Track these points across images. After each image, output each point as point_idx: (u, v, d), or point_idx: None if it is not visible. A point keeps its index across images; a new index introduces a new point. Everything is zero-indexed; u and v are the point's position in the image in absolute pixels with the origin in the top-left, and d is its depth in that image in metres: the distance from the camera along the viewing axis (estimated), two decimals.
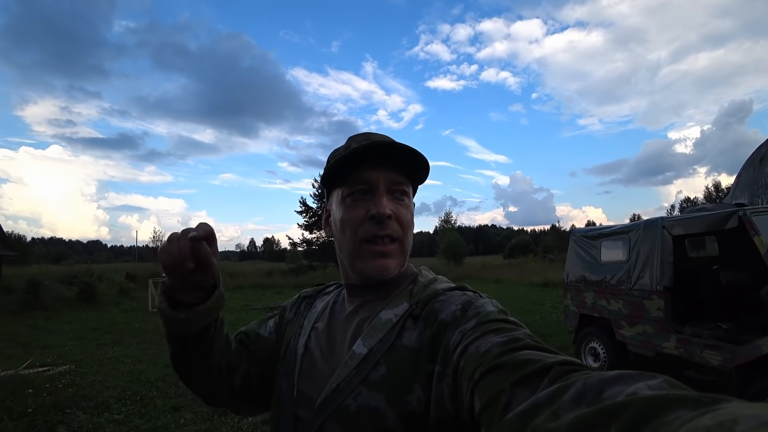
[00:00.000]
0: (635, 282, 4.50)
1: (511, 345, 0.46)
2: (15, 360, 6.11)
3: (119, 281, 19.30)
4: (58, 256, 69.86)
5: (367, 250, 0.65)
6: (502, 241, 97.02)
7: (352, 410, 0.57)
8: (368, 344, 0.61)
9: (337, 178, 0.69)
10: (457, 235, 41.19)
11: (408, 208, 0.69)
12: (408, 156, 0.66)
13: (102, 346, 7.56)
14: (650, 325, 4.28)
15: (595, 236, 5.33)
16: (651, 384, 0.30)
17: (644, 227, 4.56)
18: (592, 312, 5.14)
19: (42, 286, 13.34)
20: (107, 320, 10.69)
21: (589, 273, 5.27)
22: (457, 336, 0.54)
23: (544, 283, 17.14)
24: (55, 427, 3.82)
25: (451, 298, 0.62)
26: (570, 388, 0.33)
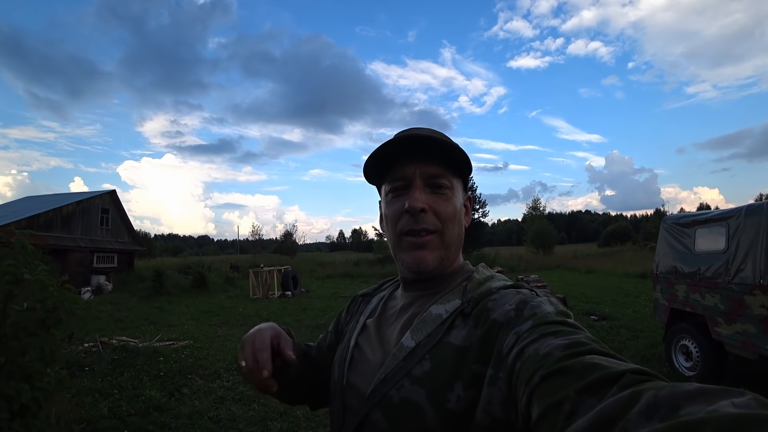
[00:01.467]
0: (735, 275, 4.07)
1: (575, 349, 0.43)
2: (148, 335, 7.39)
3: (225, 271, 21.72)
4: (175, 249, 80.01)
5: (406, 242, 0.67)
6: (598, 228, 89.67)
7: (395, 401, 0.57)
8: (416, 338, 0.61)
9: (382, 175, 0.72)
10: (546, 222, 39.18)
11: (449, 201, 0.68)
12: (445, 148, 0.66)
13: (213, 326, 8.76)
14: (752, 324, 3.85)
15: (689, 223, 4.87)
16: (737, 402, 0.26)
17: (746, 213, 4.09)
18: (685, 306, 4.74)
19: (165, 275, 15.61)
20: (216, 305, 12.23)
21: (681, 264, 4.86)
22: (511, 338, 0.52)
23: (641, 274, 15.69)
24: (180, 388, 4.66)
25: (505, 297, 0.60)
26: (640, 398, 0.30)
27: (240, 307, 11.60)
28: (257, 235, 57.09)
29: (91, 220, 19.53)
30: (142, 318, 9.74)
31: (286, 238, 49.79)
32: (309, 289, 16.52)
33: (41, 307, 2.51)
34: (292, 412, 4.08)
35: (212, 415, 4.00)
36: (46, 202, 19.45)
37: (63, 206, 18.22)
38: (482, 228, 39.92)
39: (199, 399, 4.40)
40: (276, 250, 51.99)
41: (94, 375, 4.93)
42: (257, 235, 57.14)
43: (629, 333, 6.96)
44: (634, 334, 6.83)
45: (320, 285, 18.66)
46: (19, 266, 2.46)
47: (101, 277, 16.97)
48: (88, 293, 13.90)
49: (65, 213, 18.24)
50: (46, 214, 17.33)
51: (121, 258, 20.73)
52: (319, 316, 9.77)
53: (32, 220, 16.19)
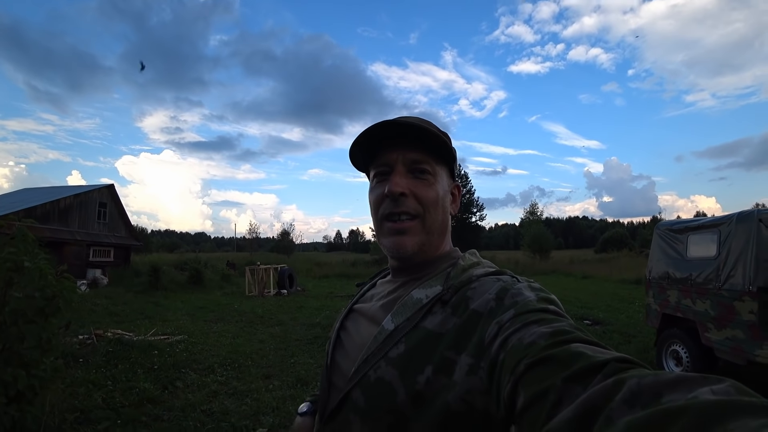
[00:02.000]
0: (725, 281, 4.12)
1: (559, 337, 0.43)
2: (143, 329, 7.40)
3: (221, 268, 21.71)
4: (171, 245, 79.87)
5: (386, 227, 0.68)
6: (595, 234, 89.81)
7: (371, 381, 0.59)
8: (396, 321, 0.63)
9: (369, 161, 0.73)
10: (543, 227, 39.24)
11: (431, 186, 0.68)
12: (428, 135, 0.67)
13: (208, 322, 8.78)
14: (741, 330, 3.91)
15: (682, 230, 4.94)
16: (716, 389, 0.27)
17: (737, 220, 4.15)
18: (676, 312, 4.80)
19: (161, 271, 15.60)
20: (212, 301, 12.24)
21: (673, 269, 4.92)
22: (493, 328, 0.52)
23: (636, 280, 15.76)
24: (173, 381, 4.69)
25: (484, 285, 0.61)
26: (623, 386, 0.31)
27: (236, 304, 11.61)
28: (254, 233, 57.07)
29: (88, 213, 19.49)
30: (137, 312, 9.74)
31: (284, 237, 49.77)
32: (305, 288, 16.53)
33: (40, 295, 2.54)
34: (284, 407, 4.11)
35: (205, 409, 4.03)
36: (43, 195, 19.41)
37: (60, 199, 18.18)
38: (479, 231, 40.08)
39: (193, 392, 4.43)
40: (273, 248, 51.95)
41: (88, 366, 4.94)
42: (254, 233, 57.11)
43: (621, 338, 7.02)
44: (626, 339, 6.90)
45: (316, 284, 18.67)
46: (20, 254, 2.49)
47: (97, 270, 16.91)
48: (83, 286, 13.87)
49: (63, 206, 18.21)
50: (44, 206, 17.30)
51: (117, 252, 20.69)
52: (314, 314, 9.79)
53: (29, 212, 16.14)
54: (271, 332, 7.83)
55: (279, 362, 5.71)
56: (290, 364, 5.62)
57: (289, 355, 6.09)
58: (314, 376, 5.11)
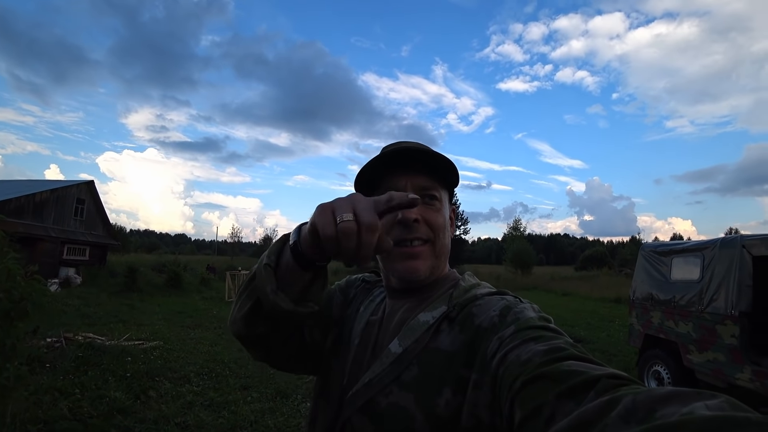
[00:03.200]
0: (708, 304, 4.18)
1: (554, 354, 0.44)
2: (117, 333, 7.12)
3: (201, 272, 21.29)
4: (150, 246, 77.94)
5: (398, 252, 0.67)
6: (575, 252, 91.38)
7: (382, 407, 0.57)
8: (404, 344, 0.62)
9: (373, 186, 0.72)
10: (526, 243, 39.77)
11: (439, 212, 0.69)
12: (435, 161, 0.68)
13: (185, 328, 8.51)
14: (722, 353, 3.96)
15: (666, 252, 5.01)
16: (710, 404, 0.27)
17: (721, 245, 4.22)
18: (659, 333, 4.84)
19: (138, 272, 15.17)
20: (190, 306, 11.93)
21: (657, 291, 4.98)
22: (495, 343, 0.53)
23: (616, 299, 16.01)
24: (147, 391, 4.48)
25: (489, 303, 0.62)
26: (618, 403, 0.31)
27: (214, 310, 11.34)
28: (236, 237, 56.23)
29: (65, 209, 18.87)
30: (111, 315, 9.40)
31: (266, 242, 49.24)
32: None
33: (6, 298, 2.39)
34: (263, 421, 3.97)
35: (179, 421, 3.85)
36: (18, 187, 18.71)
37: (36, 193, 17.57)
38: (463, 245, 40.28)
39: (166, 403, 4.23)
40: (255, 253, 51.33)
41: (55, 372, 4.70)
42: (236, 238, 56.27)
43: (603, 357, 7.05)
44: (607, 358, 6.93)
45: None
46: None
47: (71, 269, 16.35)
48: (55, 285, 13.36)
49: (38, 200, 17.58)
50: (18, 199, 16.67)
51: (93, 251, 20.05)
52: None
53: (2, 205, 15.52)
54: None
55: (258, 373, 5.54)
56: (269, 375, 5.45)
57: (268, 366, 5.90)
58: (294, 388, 4.96)
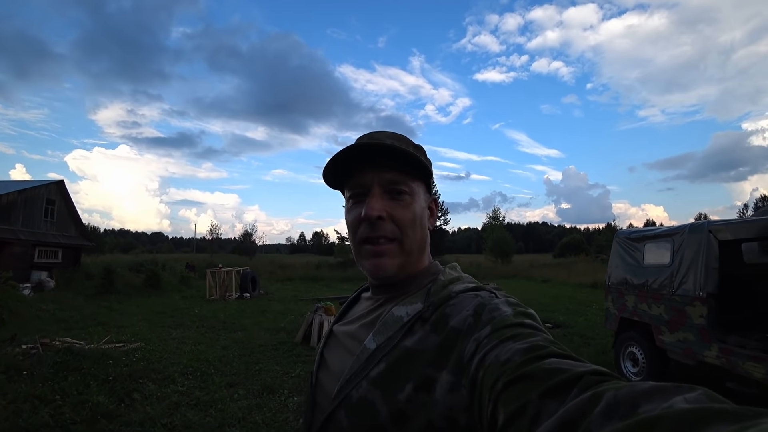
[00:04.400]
0: (678, 287, 4.38)
1: (534, 353, 0.43)
2: (96, 336, 6.96)
3: (180, 271, 20.87)
4: (126, 246, 75.92)
5: (365, 249, 0.67)
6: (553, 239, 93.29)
7: (354, 401, 0.59)
8: (377, 340, 0.63)
9: (344, 180, 0.72)
10: (505, 232, 40.35)
11: (408, 207, 0.68)
12: (402, 154, 0.66)
13: (167, 328, 8.38)
14: (692, 333, 4.17)
15: (639, 238, 5.21)
16: (689, 397, 0.28)
17: (689, 230, 4.42)
18: (633, 316, 5.05)
19: (115, 273, 14.77)
20: (170, 305, 11.70)
21: (631, 276, 5.17)
22: (471, 345, 0.52)
23: (593, 284, 16.51)
24: (130, 393, 4.42)
25: (463, 302, 0.61)
26: (600, 399, 0.32)
27: (196, 308, 11.17)
28: (215, 234, 55.21)
29: (34, 211, 18.16)
30: (89, 318, 9.16)
31: (245, 239, 48.45)
32: (268, 291, 16.16)
33: None
34: (251, 418, 3.98)
35: (166, 422, 3.82)
36: None
37: (2, 195, 16.86)
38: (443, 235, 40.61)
39: (152, 405, 4.19)
40: (234, 250, 50.50)
41: (33, 379, 4.58)
42: (215, 234, 55.26)
43: (581, 340, 7.31)
44: (585, 341, 7.19)
45: (280, 287, 18.29)
46: None
47: (43, 273, 15.79)
48: (27, 290, 12.90)
49: (5, 202, 16.86)
50: None
51: (66, 253, 19.42)
52: (278, 319, 9.57)
53: None
54: (234, 338, 7.58)
55: (243, 370, 5.53)
56: (255, 372, 5.45)
57: (254, 362, 5.91)
58: (281, 383, 4.98)
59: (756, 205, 50.36)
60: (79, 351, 5.68)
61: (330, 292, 16.02)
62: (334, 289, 17.15)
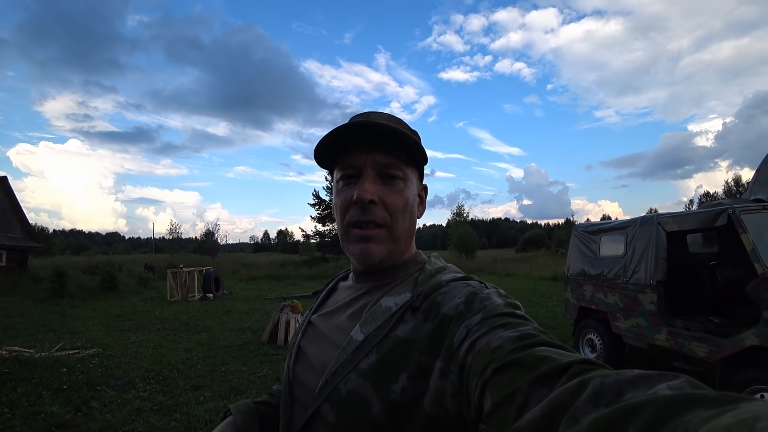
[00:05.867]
0: (631, 276, 4.65)
1: (525, 341, 0.44)
2: (47, 343, 6.54)
3: (138, 272, 19.96)
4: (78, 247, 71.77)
5: (353, 233, 0.65)
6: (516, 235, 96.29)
7: (342, 394, 0.57)
8: (365, 331, 0.61)
9: (334, 159, 0.69)
10: (469, 228, 41.16)
11: (401, 193, 0.66)
12: (401, 137, 0.64)
13: (125, 332, 8.01)
14: (643, 318, 4.45)
15: (595, 231, 5.48)
16: (672, 384, 0.29)
17: (641, 223, 4.70)
18: (591, 305, 5.32)
19: (67, 275, 13.94)
20: (129, 308, 11.18)
21: (588, 267, 5.44)
22: (462, 331, 0.52)
23: (553, 277, 17.20)
24: (88, 402, 4.20)
25: (454, 290, 0.60)
26: (587, 386, 0.33)
27: (156, 311, 10.73)
28: (175, 233, 53.10)
29: None
30: (38, 324, 8.59)
31: (207, 238, 46.90)
32: (232, 291, 15.75)
33: None
34: (217, 420, 3.84)
35: (128, 429, 3.66)
36: None
37: None
38: None
39: (112, 412, 4.00)
40: (196, 249, 48.79)
41: None
42: (175, 233, 53.15)
43: (543, 329, 7.61)
44: (548, 330, 7.48)
45: (244, 287, 17.87)
46: None
47: None
48: None
49: None
50: None
51: (10, 255, 18.11)
52: (243, 319, 9.36)
53: None
54: (197, 339, 7.34)
55: (209, 372, 5.38)
56: (221, 373, 5.32)
57: (220, 363, 5.76)
58: (248, 384, 4.89)
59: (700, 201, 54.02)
60: (29, 360, 5.33)
61: (296, 290, 15.83)
62: (300, 287, 16.94)
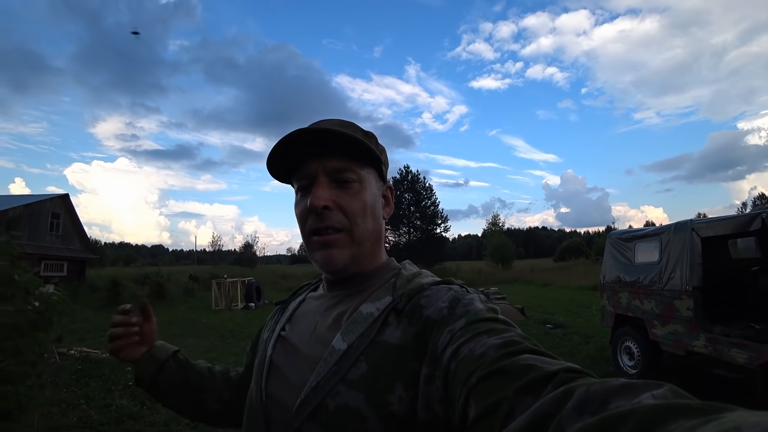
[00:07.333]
0: (666, 282, 4.64)
1: (509, 348, 0.43)
2: None
3: (184, 282, 21.06)
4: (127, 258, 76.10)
5: (314, 242, 0.64)
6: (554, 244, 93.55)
7: (331, 410, 0.53)
8: (348, 339, 0.58)
9: (291, 172, 0.68)
10: (505, 237, 40.59)
11: (357, 195, 0.64)
12: (347, 140, 0.62)
13: (177, 338, 8.58)
14: (681, 325, 4.42)
15: (630, 238, 5.47)
16: (656, 393, 0.29)
17: (675, 229, 4.69)
18: (627, 312, 5.30)
19: (121, 285, 14.99)
20: (178, 316, 11.90)
21: (624, 274, 5.43)
22: (445, 336, 0.51)
23: (593, 286, 16.69)
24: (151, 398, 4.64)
25: (438, 294, 0.59)
26: (572, 395, 0.32)
27: (203, 319, 11.39)
28: (217, 245, 55.44)
29: (39, 224, 18.45)
30: (98, 329, 9.34)
31: (246, 250, 48.67)
32: (272, 301, 16.34)
33: (32, 309, 2.58)
34: None
35: (186, 422, 4.05)
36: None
37: (9, 209, 17.15)
38: (444, 242, 40.89)
39: None
40: (235, 261, 50.67)
41: (57, 386, 4.80)
42: (217, 246, 55.49)
43: (581, 339, 7.53)
44: (585, 340, 7.42)
45: (283, 297, 18.42)
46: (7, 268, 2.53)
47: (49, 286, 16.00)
48: None
49: (11, 216, 17.16)
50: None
51: (71, 266, 19.66)
52: None
53: None
54: (244, 346, 7.78)
55: None
56: None
57: None
58: None
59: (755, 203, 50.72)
60: (97, 359, 5.91)
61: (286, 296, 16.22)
62: None
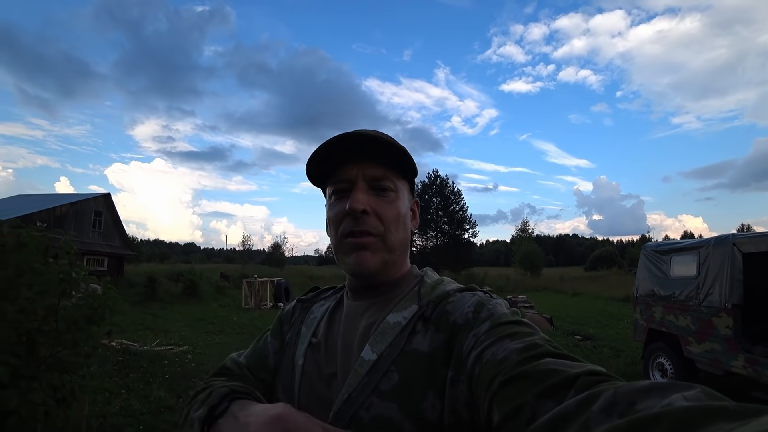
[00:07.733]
0: (704, 298, 4.49)
1: (530, 352, 0.44)
2: (147, 339, 7.54)
3: (215, 280, 21.75)
4: (161, 256, 79.15)
5: (347, 244, 0.64)
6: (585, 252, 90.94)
7: (365, 422, 0.54)
8: (377, 350, 0.58)
9: (326, 177, 0.69)
10: (534, 244, 39.89)
11: (392, 204, 0.66)
12: (389, 149, 0.64)
13: (209, 334, 8.93)
14: (718, 343, 4.26)
15: (666, 251, 5.32)
16: (687, 395, 0.28)
17: (714, 243, 4.53)
18: (661, 327, 5.14)
19: (157, 281, 15.65)
20: (209, 313, 12.34)
21: (658, 288, 5.28)
22: (470, 340, 0.52)
23: (625, 298, 16.16)
24: (186, 390, 4.87)
25: (463, 299, 0.60)
26: (600, 396, 0.31)
27: (234, 316, 11.74)
28: (247, 245, 56.77)
29: (83, 222, 19.52)
30: (137, 323, 9.84)
31: (275, 250, 49.62)
32: None
33: (86, 304, 2.79)
34: None
35: None
36: (38, 202, 19.42)
37: (56, 207, 18.23)
38: (471, 248, 40.45)
39: None
40: (264, 261, 51.74)
41: (100, 375, 5.10)
42: (247, 245, 56.82)
43: (611, 352, 7.33)
44: (615, 353, 7.21)
45: None
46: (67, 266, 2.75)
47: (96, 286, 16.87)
48: None
49: (58, 214, 18.24)
50: (39, 214, 17.33)
51: (111, 262, 20.66)
52: None
53: (25, 219, 16.12)
54: None
55: None
56: None
57: None
58: None
59: None
60: (136, 351, 6.23)
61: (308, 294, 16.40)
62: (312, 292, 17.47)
